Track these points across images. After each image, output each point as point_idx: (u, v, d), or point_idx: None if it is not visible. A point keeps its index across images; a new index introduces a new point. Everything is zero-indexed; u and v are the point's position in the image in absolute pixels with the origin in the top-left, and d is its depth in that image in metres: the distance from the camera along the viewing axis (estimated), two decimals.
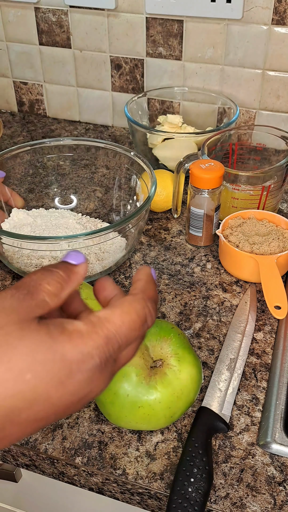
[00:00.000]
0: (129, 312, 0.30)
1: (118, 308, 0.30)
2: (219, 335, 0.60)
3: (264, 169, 0.72)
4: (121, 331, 0.29)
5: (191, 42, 0.91)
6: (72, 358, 0.27)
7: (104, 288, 0.34)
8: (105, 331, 0.29)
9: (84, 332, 0.28)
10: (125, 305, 0.30)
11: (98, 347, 0.28)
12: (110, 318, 0.29)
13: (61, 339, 0.27)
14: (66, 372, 0.27)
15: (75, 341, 0.27)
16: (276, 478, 0.46)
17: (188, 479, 0.44)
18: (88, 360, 0.27)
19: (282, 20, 0.84)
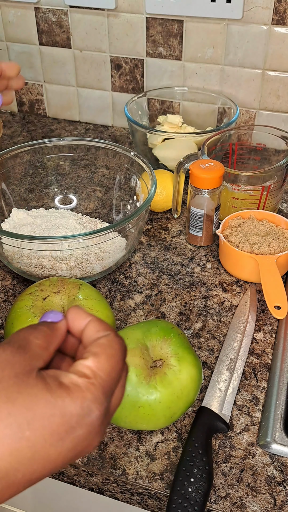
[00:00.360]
0: (113, 355, 0.30)
1: (104, 354, 0.30)
2: (219, 335, 0.60)
3: (264, 169, 0.72)
4: (111, 377, 0.29)
5: (191, 42, 0.91)
6: (72, 413, 0.26)
7: (75, 318, 0.33)
8: (100, 381, 0.28)
9: (81, 385, 0.28)
10: (107, 349, 0.30)
11: (96, 399, 0.28)
12: (100, 366, 0.29)
13: (60, 393, 0.27)
14: (66, 428, 0.26)
15: (74, 395, 0.27)
16: (276, 478, 0.46)
17: (188, 479, 0.44)
18: (88, 413, 0.27)
19: (282, 20, 0.84)
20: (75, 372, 0.28)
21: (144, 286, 0.66)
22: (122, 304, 0.64)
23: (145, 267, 0.70)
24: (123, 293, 0.66)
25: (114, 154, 0.74)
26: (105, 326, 0.32)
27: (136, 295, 0.65)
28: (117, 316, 0.62)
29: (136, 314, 0.62)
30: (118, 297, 0.65)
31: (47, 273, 0.64)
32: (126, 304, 0.64)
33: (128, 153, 0.72)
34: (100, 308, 0.53)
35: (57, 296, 0.53)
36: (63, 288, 0.54)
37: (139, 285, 0.67)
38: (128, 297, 0.65)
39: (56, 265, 0.64)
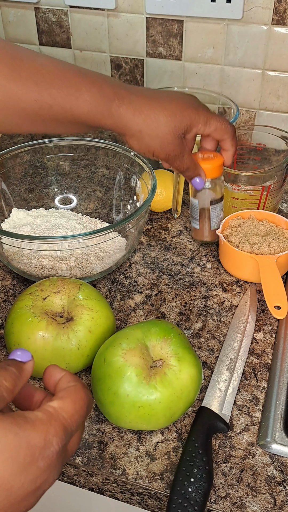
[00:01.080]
0: (78, 400, 0.33)
1: (68, 398, 0.33)
2: (219, 335, 0.60)
3: (264, 169, 0.72)
4: (73, 419, 0.32)
5: (191, 42, 0.91)
6: (36, 445, 0.29)
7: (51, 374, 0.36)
8: (62, 419, 0.31)
9: (45, 420, 0.30)
10: (72, 395, 0.33)
11: (57, 434, 0.30)
12: (64, 407, 0.32)
13: (26, 427, 0.29)
14: (30, 459, 0.28)
15: (38, 428, 0.29)
16: (276, 478, 0.46)
17: (188, 479, 0.44)
18: (49, 446, 0.29)
19: (282, 20, 0.84)
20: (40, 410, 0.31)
21: (144, 286, 0.67)
22: (122, 304, 0.64)
23: (145, 267, 0.70)
24: (123, 293, 0.66)
25: (114, 154, 0.74)
26: (75, 378, 0.35)
27: (136, 295, 0.65)
28: (117, 316, 0.62)
29: (136, 314, 0.63)
30: (118, 297, 0.65)
31: (47, 273, 0.64)
32: (126, 304, 0.64)
33: (128, 153, 0.72)
34: (100, 308, 0.53)
35: (57, 296, 0.54)
36: (63, 288, 0.54)
37: (139, 285, 0.67)
38: (128, 297, 0.65)
39: (56, 265, 0.64)
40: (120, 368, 0.46)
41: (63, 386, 0.34)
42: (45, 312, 0.52)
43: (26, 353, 0.34)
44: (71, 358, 0.51)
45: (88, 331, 0.51)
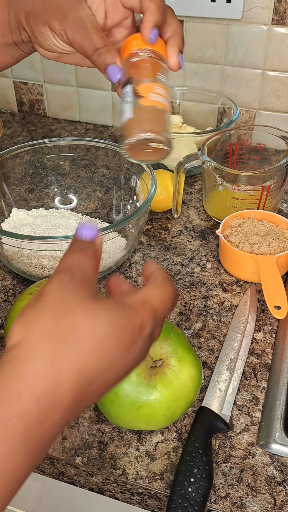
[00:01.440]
0: (166, 292, 0.35)
1: (158, 288, 0.34)
2: (219, 335, 0.60)
3: (264, 169, 0.72)
4: (161, 308, 0.34)
5: (191, 42, 0.91)
6: (136, 326, 0.31)
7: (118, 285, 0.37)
8: (153, 306, 0.33)
9: (140, 306, 0.32)
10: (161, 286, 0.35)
11: (149, 318, 0.32)
12: (154, 297, 0.34)
13: (126, 309, 0.31)
14: (133, 339, 0.31)
15: (136, 312, 0.32)
16: (276, 478, 0.46)
17: (188, 479, 0.44)
18: (145, 328, 0.32)
19: (282, 20, 0.84)
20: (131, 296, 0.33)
21: None
22: None
23: None
24: None
25: (114, 154, 0.74)
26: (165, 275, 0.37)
27: None
28: None
29: None
30: None
31: (47, 273, 0.64)
32: None
33: None
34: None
35: None
36: None
37: (139, 285, 0.67)
38: None
39: (56, 265, 0.64)
40: None
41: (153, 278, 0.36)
42: None
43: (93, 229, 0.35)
44: None
45: None
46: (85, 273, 0.33)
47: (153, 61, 0.46)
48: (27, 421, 0.26)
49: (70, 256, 0.33)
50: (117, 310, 0.31)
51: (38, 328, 0.29)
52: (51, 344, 0.28)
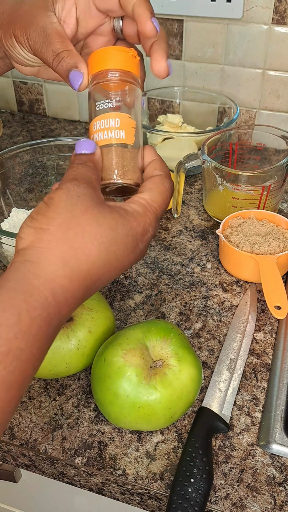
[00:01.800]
0: (164, 191, 0.38)
1: (157, 190, 0.38)
2: (219, 335, 0.60)
3: (264, 169, 0.71)
4: (162, 208, 0.38)
5: (191, 42, 0.91)
6: (138, 232, 0.36)
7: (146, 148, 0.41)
8: (154, 210, 0.37)
9: (142, 212, 0.36)
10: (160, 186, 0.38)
11: (151, 223, 0.37)
12: (154, 199, 0.38)
13: (129, 218, 0.35)
14: (135, 243, 0.36)
15: (138, 219, 0.36)
16: (276, 479, 0.46)
17: (188, 479, 0.44)
18: (146, 232, 0.36)
19: (282, 19, 0.84)
20: (134, 202, 0.37)
21: (144, 286, 0.66)
22: (122, 304, 0.64)
23: (145, 267, 0.70)
24: (123, 293, 0.65)
25: None
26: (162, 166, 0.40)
27: (136, 295, 0.65)
28: (117, 316, 0.62)
29: (136, 314, 0.62)
30: (118, 297, 0.65)
31: None
32: (126, 304, 0.64)
33: None
34: (100, 308, 0.53)
35: None
36: None
37: (139, 285, 0.67)
38: (128, 297, 0.65)
39: None
40: (120, 368, 0.46)
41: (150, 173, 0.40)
42: None
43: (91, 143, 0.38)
44: (71, 358, 0.51)
45: (88, 331, 0.51)
46: (90, 181, 0.35)
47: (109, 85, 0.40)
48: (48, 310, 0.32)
49: (74, 169, 0.36)
50: (121, 217, 0.35)
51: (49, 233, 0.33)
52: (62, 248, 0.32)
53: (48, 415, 0.52)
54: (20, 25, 0.42)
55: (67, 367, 0.51)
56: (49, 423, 0.51)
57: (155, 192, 0.38)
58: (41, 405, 0.53)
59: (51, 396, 0.53)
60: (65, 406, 0.52)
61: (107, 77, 0.40)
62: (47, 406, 0.52)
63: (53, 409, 0.52)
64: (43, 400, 0.53)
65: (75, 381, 0.55)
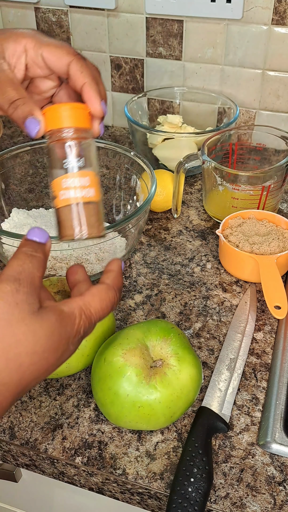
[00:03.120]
0: (105, 299, 0.39)
1: (97, 296, 0.39)
2: (219, 335, 0.60)
3: (264, 169, 0.72)
4: (98, 315, 0.39)
5: (191, 42, 0.91)
6: (70, 335, 0.36)
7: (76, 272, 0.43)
8: (88, 314, 0.38)
9: (77, 315, 0.37)
10: (102, 293, 0.39)
11: (84, 326, 0.37)
12: (92, 304, 0.38)
13: (65, 322, 0.36)
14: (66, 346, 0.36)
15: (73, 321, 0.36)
16: (276, 478, 0.46)
17: (188, 479, 0.44)
18: (78, 335, 0.37)
19: (282, 20, 0.84)
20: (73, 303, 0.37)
21: (144, 286, 0.67)
22: (122, 304, 0.64)
23: (145, 267, 0.70)
24: (123, 293, 0.66)
25: (114, 154, 0.74)
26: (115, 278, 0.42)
27: (136, 295, 0.65)
28: (117, 316, 0.62)
29: (136, 314, 0.63)
30: None
31: (47, 273, 0.64)
32: (126, 304, 0.64)
33: (128, 153, 0.72)
34: None
35: (57, 296, 0.53)
36: (63, 288, 0.54)
37: (139, 285, 0.67)
38: (128, 297, 0.65)
39: (56, 265, 0.64)
40: (120, 368, 0.46)
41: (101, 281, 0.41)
42: None
43: (44, 233, 0.38)
44: (71, 358, 0.51)
45: None
46: (33, 282, 0.35)
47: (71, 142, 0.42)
48: None
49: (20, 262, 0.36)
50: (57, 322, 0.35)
51: None
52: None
53: (48, 415, 0.52)
54: None
55: (67, 367, 0.51)
56: (49, 423, 0.51)
57: (96, 298, 0.39)
58: (41, 404, 0.53)
59: (51, 396, 0.53)
60: (65, 406, 0.52)
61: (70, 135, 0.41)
62: (47, 406, 0.52)
63: (53, 408, 0.52)
64: (44, 399, 0.53)
65: (75, 380, 0.55)
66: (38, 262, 0.36)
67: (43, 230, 0.38)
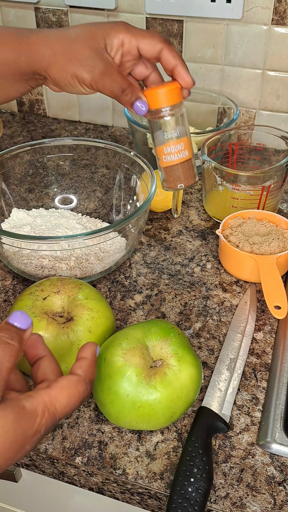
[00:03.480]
0: (74, 394, 0.36)
1: (66, 391, 0.35)
2: (219, 335, 0.60)
3: (264, 169, 0.72)
4: (64, 411, 0.35)
5: (191, 42, 0.91)
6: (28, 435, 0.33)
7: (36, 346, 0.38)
8: (54, 411, 0.34)
9: (40, 412, 0.34)
10: (71, 388, 0.36)
11: (46, 424, 0.34)
12: (58, 399, 0.35)
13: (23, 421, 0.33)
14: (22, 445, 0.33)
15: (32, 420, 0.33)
16: (276, 478, 0.46)
17: (188, 479, 0.44)
18: (37, 434, 0.34)
19: (282, 20, 0.84)
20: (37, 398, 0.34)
21: (144, 286, 0.67)
22: (122, 304, 0.64)
23: (145, 267, 0.70)
24: (123, 293, 0.66)
25: (114, 154, 0.74)
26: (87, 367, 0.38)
27: (136, 295, 0.65)
28: (117, 316, 0.62)
29: (136, 314, 0.63)
30: (118, 297, 0.65)
31: (47, 273, 0.64)
32: (126, 304, 0.64)
33: (128, 153, 0.72)
34: (100, 308, 0.53)
35: (57, 296, 0.54)
36: (63, 288, 0.54)
37: (139, 285, 0.67)
38: (128, 297, 0.65)
39: (56, 265, 0.64)
40: (120, 368, 0.46)
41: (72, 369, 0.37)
42: (45, 312, 0.52)
43: (27, 318, 0.35)
44: (71, 358, 0.51)
45: (88, 331, 0.51)
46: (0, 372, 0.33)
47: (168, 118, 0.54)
48: None
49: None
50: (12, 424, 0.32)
51: None
52: None
53: None
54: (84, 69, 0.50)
55: (67, 367, 0.51)
56: None
57: (64, 393, 0.35)
58: None
59: None
60: None
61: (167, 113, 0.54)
62: None
63: None
64: None
65: None
66: (11, 352, 0.33)
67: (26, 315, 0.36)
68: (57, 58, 0.51)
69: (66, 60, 0.51)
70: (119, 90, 0.52)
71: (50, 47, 0.51)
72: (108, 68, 0.51)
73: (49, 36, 0.52)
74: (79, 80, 0.51)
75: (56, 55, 0.51)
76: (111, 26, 0.52)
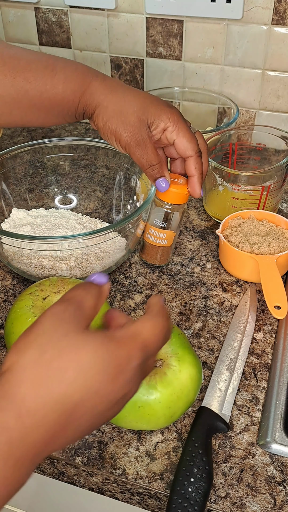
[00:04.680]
0: (158, 325, 0.36)
1: (150, 322, 0.36)
2: (219, 335, 0.60)
3: (264, 169, 0.72)
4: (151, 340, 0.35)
5: (191, 42, 0.91)
6: (122, 359, 0.33)
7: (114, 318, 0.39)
8: (142, 339, 0.34)
9: (128, 339, 0.34)
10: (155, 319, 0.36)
11: (137, 351, 0.33)
12: (144, 329, 0.35)
13: (114, 343, 0.33)
14: (118, 370, 0.32)
15: (123, 346, 0.33)
16: (276, 478, 0.46)
17: (188, 479, 0.44)
18: (132, 361, 0.33)
19: (282, 20, 0.84)
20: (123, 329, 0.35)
21: (144, 286, 0.67)
22: (122, 304, 0.64)
23: (145, 267, 0.70)
24: (123, 293, 0.66)
25: (114, 154, 0.74)
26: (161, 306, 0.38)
27: (136, 295, 0.65)
28: None
29: (136, 314, 0.63)
30: (118, 297, 0.65)
31: (47, 273, 0.64)
32: (126, 304, 0.64)
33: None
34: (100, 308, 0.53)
35: (57, 296, 0.53)
36: (63, 288, 0.54)
37: (139, 285, 0.67)
38: (128, 297, 0.65)
39: (56, 265, 0.64)
40: None
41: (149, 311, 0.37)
42: None
43: (102, 276, 0.38)
44: None
45: None
46: (81, 307, 0.34)
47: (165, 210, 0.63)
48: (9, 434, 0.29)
49: (73, 290, 0.36)
50: (103, 344, 0.32)
51: (27, 356, 0.32)
52: (36, 371, 0.31)
53: None
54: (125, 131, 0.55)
55: None
56: None
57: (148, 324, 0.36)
58: None
59: None
60: None
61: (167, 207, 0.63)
62: None
63: None
64: None
65: None
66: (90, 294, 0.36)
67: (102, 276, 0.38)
68: (107, 110, 0.55)
69: (113, 114, 0.55)
70: (147, 164, 0.57)
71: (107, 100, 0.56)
72: (144, 141, 0.55)
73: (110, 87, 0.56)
74: (116, 138, 0.56)
75: (108, 107, 0.55)
76: (165, 110, 0.56)
